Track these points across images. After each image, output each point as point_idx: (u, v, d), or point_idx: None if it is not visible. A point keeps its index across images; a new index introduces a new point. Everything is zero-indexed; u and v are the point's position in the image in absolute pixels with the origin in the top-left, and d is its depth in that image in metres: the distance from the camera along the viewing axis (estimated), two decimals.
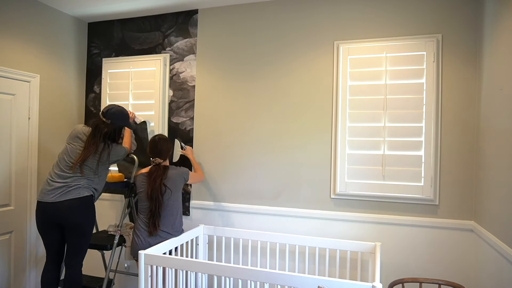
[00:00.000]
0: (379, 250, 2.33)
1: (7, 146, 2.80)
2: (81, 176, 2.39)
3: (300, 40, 2.80)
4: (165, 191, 2.49)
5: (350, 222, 2.64)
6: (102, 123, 2.47)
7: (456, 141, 2.44)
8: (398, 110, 2.54)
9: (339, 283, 1.81)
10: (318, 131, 2.74)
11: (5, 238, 2.82)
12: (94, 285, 2.73)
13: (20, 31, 2.87)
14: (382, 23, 2.60)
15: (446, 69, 2.46)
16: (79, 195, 2.36)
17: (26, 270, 2.96)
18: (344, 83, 2.66)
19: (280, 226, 2.82)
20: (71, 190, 2.35)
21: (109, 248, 2.65)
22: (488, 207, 2.13)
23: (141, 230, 2.50)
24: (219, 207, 2.98)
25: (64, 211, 2.32)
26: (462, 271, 2.41)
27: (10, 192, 2.84)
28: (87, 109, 3.50)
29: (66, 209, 2.32)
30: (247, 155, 2.93)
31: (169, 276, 2.22)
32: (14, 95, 2.84)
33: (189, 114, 3.11)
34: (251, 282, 2.00)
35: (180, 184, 2.58)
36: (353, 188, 2.62)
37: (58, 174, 2.39)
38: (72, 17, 3.35)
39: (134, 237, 2.53)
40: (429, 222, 2.47)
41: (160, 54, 3.20)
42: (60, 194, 2.33)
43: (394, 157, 2.53)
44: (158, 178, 2.48)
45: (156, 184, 2.46)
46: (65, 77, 3.31)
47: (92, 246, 2.66)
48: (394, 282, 2.31)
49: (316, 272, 2.62)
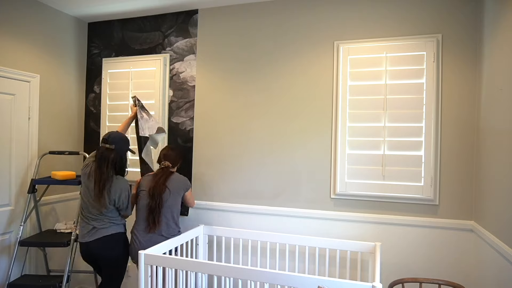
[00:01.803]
0: (379, 250, 2.33)
1: (7, 146, 2.80)
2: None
3: (300, 40, 2.80)
4: (165, 191, 2.52)
5: (350, 222, 2.64)
6: (105, 150, 2.40)
7: (456, 141, 2.44)
8: (398, 110, 2.54)
9: (339, 283, 1.81)
10: (318, 131, 2.74)
11: (5, 238, 2.82)
12: (54, 282, 2.74)
13: (20, 31, 2.87)
14: (382, 23, 2.60)
15: (446, 69, 2.46)
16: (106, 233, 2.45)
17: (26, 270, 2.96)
18: (344, 83, 2.66)
19: (280, 226, 2.82)
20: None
21: (66, 245, 2.73)
22: (488, 207, 2.13)
23: (139, 231, 2.51)
24: (219, 207, 2.98)
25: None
26: (462, 271, 2.41)
27: (10, 192, 2.85)
28: (87, 109, 3.50)
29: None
30: (247, 155, 2.93)
31: (169, 276, 2.22)
32: (14, 95, 2.84)
33: (189, 114, 3.11)
34: (251, 282, 2.00)
35: (181, 190, 2.61)
36: (353, 188, 2.62)
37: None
38: (72, 17, 3.35)
39: (133, 239, 2.54)
40: (429, 222, 2.47)
41: (160, 54, 3.20)
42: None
43: (394, 157, 2.53)
44: (162, 177, 2.55)
45: (159, 183, 2.52)
46: (65, 77, 3.31)
47: (47, 244, 2.75)
48: (394, 282, 2.31)
49: (316, 272, 2.62)
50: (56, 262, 3.25)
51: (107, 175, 2.37)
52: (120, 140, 2.46)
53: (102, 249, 2.41)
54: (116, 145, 2.42)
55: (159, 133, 2.82)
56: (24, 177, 2.95)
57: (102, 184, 2.35)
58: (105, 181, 2.36)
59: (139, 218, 2.55)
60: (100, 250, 2.41)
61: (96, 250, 2.41)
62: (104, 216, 2.42)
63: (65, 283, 2.72)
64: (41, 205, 3.10)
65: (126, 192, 2.46)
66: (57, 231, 2.98)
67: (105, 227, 2.42)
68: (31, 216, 2.99)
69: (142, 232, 2.51)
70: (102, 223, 2.42)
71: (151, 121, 2.81)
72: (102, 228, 2.41)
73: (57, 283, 2.72)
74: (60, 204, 3.30)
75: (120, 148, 2.45)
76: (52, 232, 2.98)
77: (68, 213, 3.37)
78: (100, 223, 2.42)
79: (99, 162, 2.38)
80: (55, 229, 3.02)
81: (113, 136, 2.44)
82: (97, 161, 2.39)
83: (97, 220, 2.42)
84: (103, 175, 2.36)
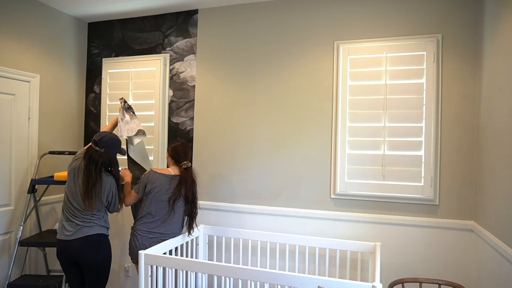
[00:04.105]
0: (379, 250, 2.33)
1: (7, 146, 2.80)
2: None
3: (300, 39, 2.80)
4: (195, 196, 2.55)
5: (350, 222, 2.64)
6: (95, 152, 2.35)
7: (456, 141, 2.44)
8: (398, 110, 2.54)
9: (339, 283, 1.81)
10: (318, 131, 2.74)
11: (5, 238, 2.82)
12: (54, 282, 2.74)
13: (20, 31, 2.87)
14: (382, 23, 2.60)
15: (446, 69, 2.46)
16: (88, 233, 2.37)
17: (26, 270, 2.96)
18: (344, 83, 2.66)
19: (280, 226, 2.82)
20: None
21: None
22: (488, 207, 2.13)
23: (143, 231, 2.46)
24: (219, 207, 2.98)
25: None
26: (462, 271, 2.41)
27: (10, 192, 2.85)
28: (87, 109, 3.50)
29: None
30: (247, 154, 2.93)
31: (169, 276, 2.22)
32: (14, 95, 2.84)
33: (189, 114, 3.11)
34: (251, 282, 2.00)
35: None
36: (353, 188, 2.62)
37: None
38: (72, 17, 3.35)
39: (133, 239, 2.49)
40: (429, 222, 2.47)
41: (160, 54, 3.20)
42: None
43: (394, 157, 2.53)
44: (189, 179, 2.49)
45: (192, 187, 2.49)
46: (65, 77, 3.31)
47: (47, 244, 2.75)
48: (394, 282, 2.31)
49: (316, 272, 2.62)
50: (56, 262, 3.25)
51: (95, 178, 2.32)
52: (111, 143, 2.39)
53: (84, 250, 2.31)
54: (106, 148, 2.36)
55: (138, 136, 2.71)
56: (24, 177, 2.95)
57: (91, 186, 2.30)
58: (94, 183, 2.31)
59: (145, 223, 2.46)
60: (81, 250, 2.31)
61: (76, 250, 2.31)
62: (89, 214, 2.35)
63: (65, 283, 2.72)
64: (41, 205, 3.10)
65: (113, 189, 2.43)
66: (57, 231, 2.97)
67: (88, 226, 2.34)
68: (31, 216, 2.99)
69: (169, 233, 2.49)
70: (86, 221, 2.34)
71: (132, 123, 2.73)
72: (85, 226, 2.33)
73: (57, 283, 2.72)
74: (60, 204, 3.29)
75: (110, 151, 2.39)
76: (52, 232, 2.98)
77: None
78: (83, 221, 2.33)
79: (88, 164, 2.33)
80: (55, 229, 3.01)
81: (104, 140, 2.37)
82: (85, 162, 2.34)
83: (80, 218, 2.33)
84: (91, 177, 2.31)
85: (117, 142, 2.44)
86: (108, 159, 2.40)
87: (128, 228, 3.29)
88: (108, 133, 2.43)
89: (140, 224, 2.47)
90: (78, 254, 2.31)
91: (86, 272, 2.37)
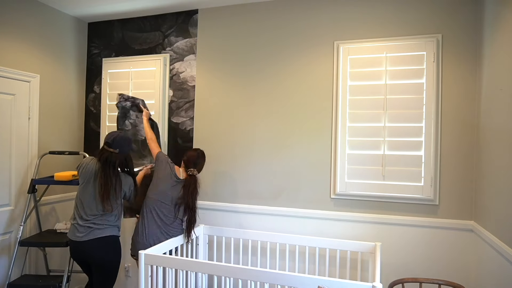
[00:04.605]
0: (379, 250, 2.33)
1: (7, 146, 2.80)
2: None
3: (300, 40, 2.80)
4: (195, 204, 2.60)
5: (350, 222, 2.64)
6: (110, 154, 2.39)
7: (456, 141, 2.44)
8: (398, 110, 2.54)
9: (339, 283, 1.81)
10: (318, 131, 2.74)
11: (5, 238, 2.82)
12: (54, 282, 2.74)
13: (20, 31, 2.87)
14: (382, 23, 2.60)
15: (446, 69, 2.46)
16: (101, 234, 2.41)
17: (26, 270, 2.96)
18: (344, 83, 2.66)
19: (280, 226, 2.82)
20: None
21: (66, 245, 2.71)
22: (488, 207, 2.13)
23: (148, 229, 2.50)
24: (219, 207, 2.98)
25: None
26: (462, 271, 2.41)
27: (10, 192, 2.84)
28: (87, 109, 3.50)
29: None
30: (247, 154, 2.93)
31: (169, 276, 2.22)
32: (14, 95, 2.84)
33: (189, 114, 3.11)
34: (251, 282, 2.00)
35: None
36: (353, 188, 2.62)
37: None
38: (72, 17, 3.35)
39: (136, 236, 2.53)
40: (429, 222, 2.47)
41: (160, 54, 3.20)
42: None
43: (394, 157, 2.53)
44: (195, 191, 2.56)
45: (194, 196, 2.54)
46: (65, 77, 3.31)
47: (47, 244, 2.75)
48: (394, 282, 2.32)
49: (316, 272, 2.62)
50: (56, 262, 3.25)
51: (114, 180, 2.37)
52: (123, 143, 2.44)
53: (95, 250, 2.36)
54: (120, 148, 2.41)
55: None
56: (24, 177, 2.95)
57: (108, 188, 2.34)
58: (113, 185, 2.36)
59: (153, 221, 2.52)
60: (92, 251, 2.36)
61: (88, 250, 2.36)
62: (102, 218, 2.39)
63: (65, 283, 2.72)
64: (41, 205, 3.10)
65: (132, 188, 2.52)
66: (57, 231, 2.98)
67: (100, 228, 2.38)
68: (31, 216, 2.99)
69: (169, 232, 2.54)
70: (99, 224, 2.38)
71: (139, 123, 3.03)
72: (97, 229, 2.38)
73: (57, 283, 2.72)
74: (60, 204, 3.30)
75: (124, 150, 2.44)
76: (52, 232, 2.98)
77: (68, 213, 3.37)
78: (96, 224, 2.38)
79: (104, 166, 2.37)
80: (55, 229, 3.02)
81: (117, 140, 2.41)
82: (101, 165, 2.37)
83: (93, 221, 2.38)
84: (109, 179, 2.35)
85: (129, 140, 2.52)
86: (124, 158, 2.47)
87: (128, 228, 3.29)
88: (118, 132, 2.48)
89: (145, 221, 2.54)
90: (89, 254, 2.37)
91: (96, 271, 2.41)
